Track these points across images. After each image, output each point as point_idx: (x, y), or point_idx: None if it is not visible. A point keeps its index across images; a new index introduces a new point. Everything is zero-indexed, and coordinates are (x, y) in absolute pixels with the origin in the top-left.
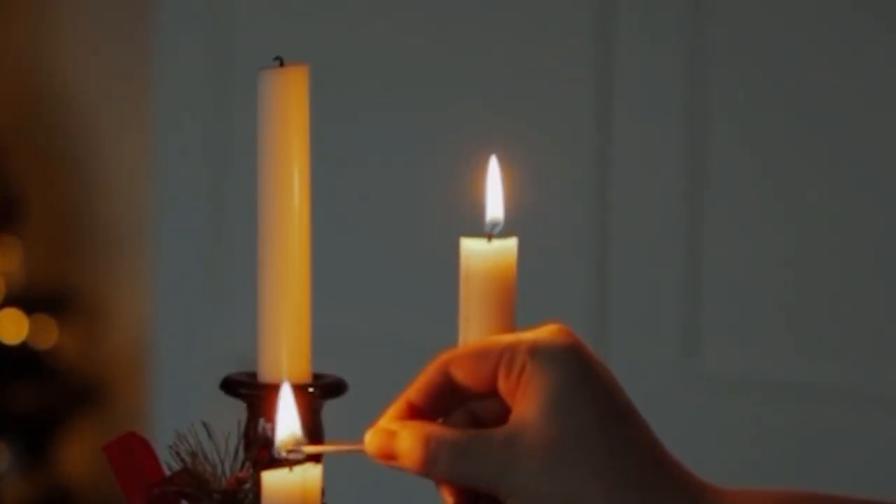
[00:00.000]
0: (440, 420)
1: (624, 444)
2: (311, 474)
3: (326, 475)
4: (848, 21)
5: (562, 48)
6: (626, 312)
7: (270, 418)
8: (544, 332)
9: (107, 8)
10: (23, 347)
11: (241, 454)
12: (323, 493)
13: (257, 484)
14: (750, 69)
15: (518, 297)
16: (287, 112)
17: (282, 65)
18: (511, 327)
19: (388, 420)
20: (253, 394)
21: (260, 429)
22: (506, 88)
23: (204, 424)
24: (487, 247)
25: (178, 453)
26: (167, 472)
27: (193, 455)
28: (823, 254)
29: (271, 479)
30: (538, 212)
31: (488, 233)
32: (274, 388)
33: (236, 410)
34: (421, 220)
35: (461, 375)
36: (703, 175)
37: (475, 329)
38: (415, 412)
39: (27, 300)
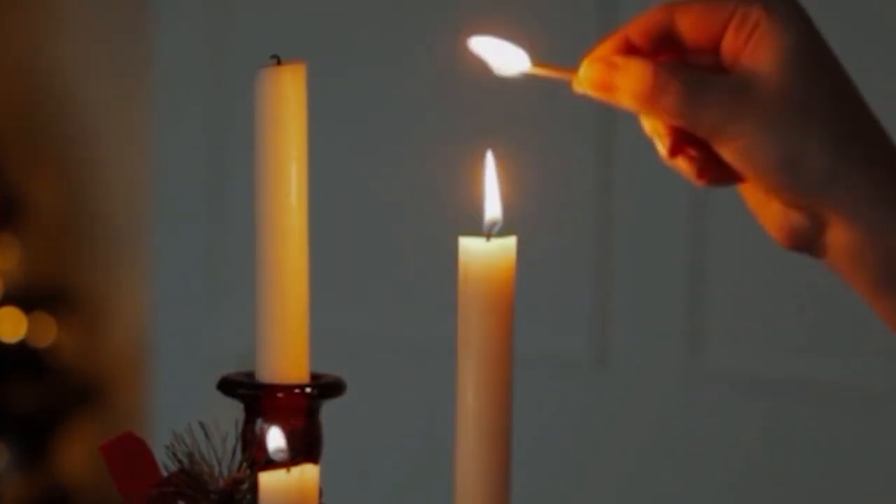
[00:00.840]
0: None
1: (854, 113)
2: (308, 475)
3: (324, 476)
4: (854, 19)
5: (566, 44)
6: (630, 311)
7: (268, 419)
8: None
9: (106, 7)
10: (21, 346)
11: (239, 455)
12: (321, 493)
13: (255, 485)
14: None
15: (518, 296)
16: (284, 110)
17: (279, 63)
18: (510, 328)
19: (607, 52)
20: (251, 394)
21: (258, 429)
22: (506, 87)
23: (201, 424)
24: (486, 246)
25: (174, 454)
26: (164, 473)
27: (190, 455)
28: None
29: (269, 479)
30: (539, 209)
31: (487, 232)
32: (272, 388)
33: (237, 410)
34: (420, 218)
35: (686, 23)
36: None
37: (474, 329)
38: (631, 51)
39: (26, 298)
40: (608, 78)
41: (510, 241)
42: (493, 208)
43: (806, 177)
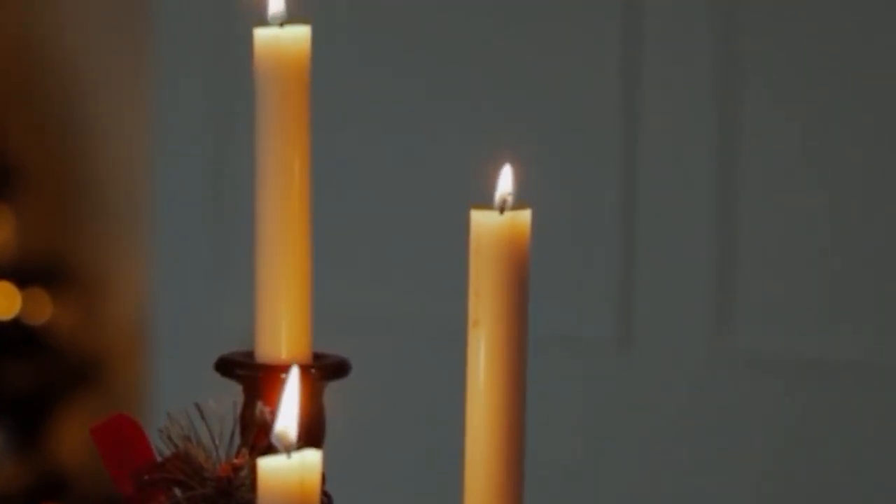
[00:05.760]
0: None
1: None
2: (310, 460)
3: (327, 462)
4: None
5: (587, 43)
6: (655, 290)
7: (268, 401)
8: None
9: None
10: (15, 323)
11: (238, 438)
12: (324, 480)
13: (254, 470)
14: (781, 77)
15: (538, 274)
16: (287, 77)
17: (282, 26)
18: (525, 305)
19: None
20: (250, 374)
21: (257, 412)
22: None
23: (197, 406)
24: (499, 218)
25: (169, 437)
26: (159, 457)
27: (186, 439)
28: (859, 229)
29: (268, 465)
30: (561, 183)
31: (500, 205)
32: (272, 369)
33: (239, 391)
34: (428, 191)
35: None
36: (735, 149)
37: (486, 305)
38: None
39: (20, 273)
40: None
41: (525, 214)
42: (505, 183)
43: None
